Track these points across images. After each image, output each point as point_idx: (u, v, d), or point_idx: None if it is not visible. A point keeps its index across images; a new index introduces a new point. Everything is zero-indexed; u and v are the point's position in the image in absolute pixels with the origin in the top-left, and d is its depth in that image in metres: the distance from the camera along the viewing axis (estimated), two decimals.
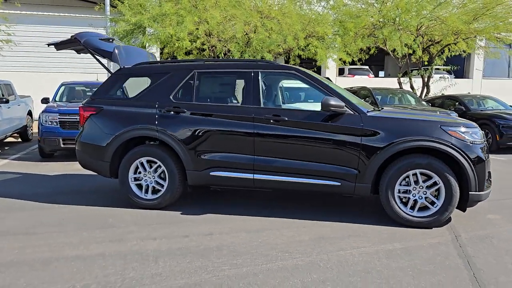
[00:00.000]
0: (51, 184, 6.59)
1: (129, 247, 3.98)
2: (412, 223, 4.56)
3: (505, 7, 14.42)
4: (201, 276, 3.39)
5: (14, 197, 5.73)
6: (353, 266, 3.59)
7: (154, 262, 3.64)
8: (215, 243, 4.10)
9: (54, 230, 4.46)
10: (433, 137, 4.45)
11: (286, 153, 4.78)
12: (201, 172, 4.99)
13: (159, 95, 5.16)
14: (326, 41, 13.63)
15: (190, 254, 3.81)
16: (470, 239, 4.27)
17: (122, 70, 5.50)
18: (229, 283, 3.26)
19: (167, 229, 4.50)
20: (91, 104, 5.41)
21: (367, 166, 4.57)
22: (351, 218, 4.87)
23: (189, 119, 5.00)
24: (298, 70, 4.98)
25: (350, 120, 4.64)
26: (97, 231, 4.43)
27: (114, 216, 4.91)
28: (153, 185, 5.17)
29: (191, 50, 12.83)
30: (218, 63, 5.43)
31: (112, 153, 5.20)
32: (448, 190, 4.45)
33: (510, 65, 23.50)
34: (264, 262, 3.65)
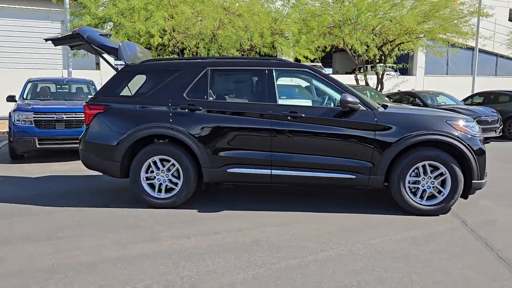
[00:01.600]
0: (42, 186, 6.27)
1: (168, 246, 3.95)
2: (422, 211, 4.90)
3: (451, 10, 15.54)
4: (256, 270, 3.47)
5: (11, 201, 5.41)
6: (391, 253, 3.83)
7: (202, 260, 3.66)
8: (249, 238, 4.17)
9: (76, 233, 4.30)
10: (441, 131, 4.81)
11: (303, 148, 4.94)
12: (218, 169, 5.02)
13: (172, 92, 5.11)
14: (291, 39, 13.94)
15: (232, 250, 3.86)
16: (476, 223, 4.67)
17: (129, 67, 5.37)
18: (287, 275, 3.37)
19: (194, 227, 4.50)
20: (98, 102, 5.23)
21: (381, 159, 4.85)
22: (365, 209, 5.12)
23: (205, 117, 5.01)
24: (311, 68, 5.16)
25: (364, 116, 4.89)
26: (123, 232, 4.34)
27: (131, 217, 4.81)
28: (166, 183, 5.12)
29: (150, 46, 12.60)
30: (231, 61, 5.46)
31: (123, 153, 5.08)
32: (454, 179, 4.83)
33: (449, 63, 25.27)
34: (308, 254, 3.79)
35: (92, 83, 10.09)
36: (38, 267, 3.49)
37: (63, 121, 8.08)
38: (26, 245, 3.97)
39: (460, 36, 16.20)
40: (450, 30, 15.52)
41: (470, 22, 16.49)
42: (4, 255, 3.73)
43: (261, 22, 12.88)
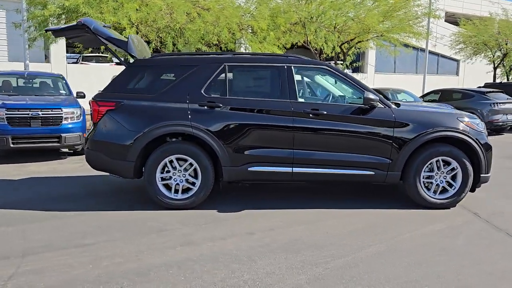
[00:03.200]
0: (32, 190, 5.78)
1: (208, 249, 3.81)
2: (435, 205, 5.10)
3: (406, 11, 16.30)
4: (314, 270, 3.43)
5: (6, 207, 4.94)
6: (429, 247, 3.95)
7: (253, 262, 3.56)
8: (285, 237, 4.12)
9: (104, 239, 4.01)
10: (454, 127, 5.03)
11: (324, 145, 4.96)
12: (239, 167, 4.91)
13: (189, 89, 4.90)
14: (260, 35, 13.90)
15: (277, 251, 3.79)
16: (488, 216, 4.93)
17: (139, 61, 5.08)
18: (347, 274, 3.37)
19: (222, 228, 4.37)
20: (109, 98, 4.91)
21: (399, 155, 4.98)
22: (380, 204, 5.24)
23: (225, 114, 4.87)
24: (330, 65, 5.18)
25: (383, 113, 4.99)
26: (153, 235, 4.12)
27: (151, 219, 4.58)
28: (183, 183, 4.92)
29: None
30: (249, 57, 5.32)
31: (138, 152, 4.81)
32: (464, 174, 5.07)
33: (396, 62, 26.48)
34: (351, 252, 3.81)
35: (62, 77, 9.45)
36: (85, 278, 3.22)
37: (39, 118, 7.50)
38: (54, 254, 3.65)
39: (414, 36, 17.05)
40: (406, 30, 16.26)
41: (421, 24, 17.40)
42: (38, 266, 3.40)
43: (231, 17, 12.74)
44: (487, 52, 22.67)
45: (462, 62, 26.76)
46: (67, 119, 7.76)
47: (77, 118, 7.95)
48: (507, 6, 24.25)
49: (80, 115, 8.04)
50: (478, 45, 22.16)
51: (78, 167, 7.37)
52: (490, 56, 22.73)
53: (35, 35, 12.18)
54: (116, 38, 5.03)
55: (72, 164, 7.61)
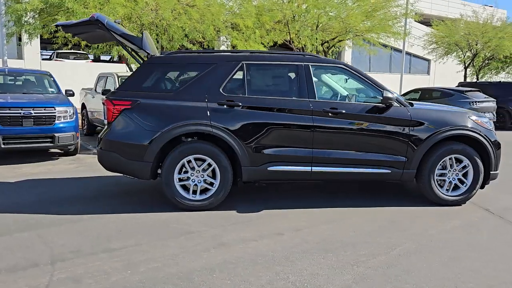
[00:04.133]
0: (33, 192, 5.52)
1: (243, 251, 3.74)
2: (448, 202, 5.21)
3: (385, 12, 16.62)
4: (357, 270, 3.42)
5: (12, 211, 4.69)
6: (458, 242, 4.04)
7: (292, 263, 3.52)
8: (315, 237, 4.10)
9: (131, 243, 3.87)
10: (467, 126, 5.15)
11: (342, 144, 4.97)
12: (258, 167, 4.85)
13: (207, 87, 4.80)
14: (246, 33, 13.82)
15: (312, 251, 3.76)
16: (498, 211, 5.08)
17: (153, 59, 4.93)
18: (390, 272, 3.38)
19: (249, 228, 4.30)
20: (124, 97, 4.74)
21: (414, 153, 5.05)
22: (393, 202, 5.30)
23: (245, 113, 4.79)
24: (347, 65, 5.19)
25: (399, 112, 5.04)
26: (182, 238, 4.01)
27: (173, 221, 4.45)
28: (201, 184, 4.82)
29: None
30: (267, 55, 5.24)
31: (156, 152, 4.67)
32: (476, 171, 5.20)
33: (371, 60, 26.98)
34: (385, 250, 3.83)
35: (50, 74, 9.07)
36: (125, 284, 3.10)
37: (32, 117, 7.17)
38: (85, 260, 3.48)
39: (392, 36, 17.42)
40: (386, 30, 16.58)
41: (399, 24, 17.79)
42: (73, 274, 3.23)
43: (217, 14, 12.61)
44: (458, 52, 23.42)
45: (433, 62, 27.54)
46: (60, 118, 7.46)
47: (70, 117, 7.66)
48: (477, 8, 25.13)
49: (73, 114, 7.75)
50: (450, 45, 22.86)
51: (73, 168, 7.10)
52: (461, 56, 23.50)
53: (13, 30, 11.66)
54: (130, 34, 4.87)
55: (66, 165, 7.32)
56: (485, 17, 23.00)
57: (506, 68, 26.91)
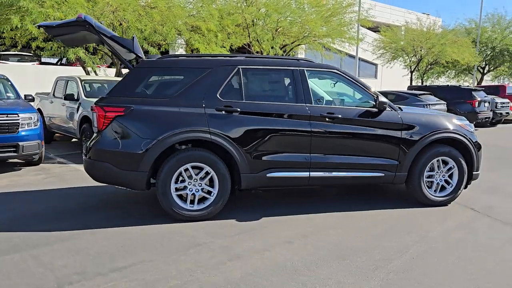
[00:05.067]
0: (10, 208, 5.04)
1: (259, 261, 3.62)
2: (435, 202, 5.37)
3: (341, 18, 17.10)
4: (379, 275, 3.42)
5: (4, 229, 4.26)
6: (463, 242, 4.16)
7: (313, 271, 3.46)
8: (326, 243, 4.06)
9: (139, 259, 3.62)
10: (453, 129, 5.35)
11: (339, 149, 4.98)
12: (257, 174, 4.74)
13: (204, 93, 4.63)
14: (207, 36, 13.63)
15: (328, 258, 3.72)
16: (482, 209, 5.31)
17: (145, 63, 4.69)
18: (413, 277, 3.41)
19: (256, 238, 4.18)
20: (116, 103, 4.45)
21: (406, 156, 5.17)
22: (384, 204, 5.38)
23: (244, 119, 4.67)
24: (339, 70, 5.21)
25: (391, 116, 5.14)
26: (192, 252, 3.81)
27: (176, 233, 4.24)
28: (199, 193, 4.63)
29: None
30: (262, 59, 5.13)
31: (152, 162, 4.43)
32: (460, 172, 5.41)
33: None
34: (400, 253, 3.87)
35: (6, 78, 8.39)
36: None
37: None
38: (95, 282, 3.20)
39: (347, 41, 17.94)
40: (343, 35, 17.04)
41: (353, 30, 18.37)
42: None
43: (179, 17, 12.35)
44: (404, 57, 24.56)
45: (380, 66, 28.69)
46: (24, 125, 6.91)
47: (34, 124, 7.12)
48: (420, 16, 26.51)
49: (37, 120, 7.21)
50: (397, 50, 23.92)
51: (42, 179, 6.59)
52: (407, 61, 24.66)
53: None
54: (120, 37, 4.59)
55: (33, 176, 6.79)
56: (428, 24, 24.33)
57: (446, 72, 28.61)
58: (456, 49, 22.63)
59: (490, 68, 28.61)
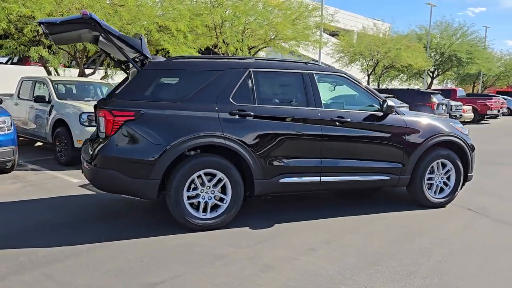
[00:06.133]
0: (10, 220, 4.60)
1: (292, 271, 3.50)
2: (435, 204, 5.50)
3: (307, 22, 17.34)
4: (417, 281, 3.41)
5: None
6: (477, 243, 4.26)
7: (351, 279, 3.39)
8: (352, 249, 4.01)
9: (170, 274, 3.39)
10: (452, 132, 5.50)
11: (348, 153, 4.97)
12: (270, 180, 4.62)
13: (216, 96, 4.45)
14: (177, 37, 13.29)
15: (360, 264, 3.67)
16: (479, 209, 5.48)
17: (154, 64, 4.43)
18: (449, 280, 3.43)
19: (279, 245, 4.06)
20: (126, 107, 4.16)
21: (409, 159, 5.24)
22: (386, 207, 5.43)
23: (258, 124, 4.53)
24: (346, 73, 5.21)
25: (396, 120, 5.20)
26: (218, 263, 3.63)
27: (195, 244, 4.03)
28: (212, 201, 4.44)
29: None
30: (272, 62, 4.99)
31: (164, 169, 4.18)
32: (457, 173, 5.56)
33: None
34: (426, 256, 3.89)
35: None
36: None
37: None
38: None
39: (312, 44, 18.21)
40: (308, 38, 17.27)
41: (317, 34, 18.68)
42: None
43: (150, 16, 11.96)
44: (361, 61, 25.30)
45: None
46: None
47: (7, 128, 6.58)
48: (376, 22, 27.45)
49: (10, 124, 6.67)
50: (356, 54, 24.59)
51: (21, 188, 6.09)
52: (364, 64, 25.42)
53: None
54: (128, 36, 4.31)
55: (9, 185, 6.25)
56: (384, 29, 25.24)
57: (399, 76, 29.79)
58: (410, 54, 23.61)
59: (439, 72, 30.10)
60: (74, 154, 7.58)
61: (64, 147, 7.72)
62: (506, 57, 37.43)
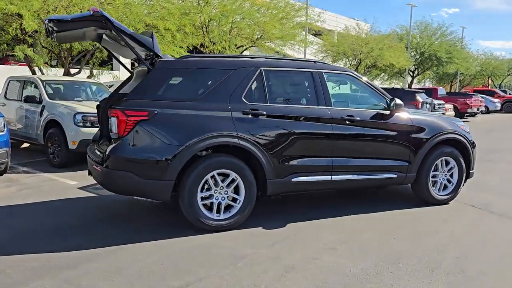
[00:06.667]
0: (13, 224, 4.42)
1: (316, 271, 3.48)
2: (440, 201, 5.56)
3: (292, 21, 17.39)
4: (447, 278, 3.43)
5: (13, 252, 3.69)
6: (490, 240, 4.32)
7: (379, 279, 3.39)
8: (370, 248, 4.01)
9: (194, 277, 3.31)
10: (455, 130, 5.57)
11: (358, 151, 4.98)
12: (283, 179, 4.59)
13: (229, 95, 4.39)
14: (165, 36, 13.12)
15: (383, 263, 3.67)
16: (482, 206, 5.56)
17: (166, 63, 4.34)
18: (475, 275, 3.47)
19: (297, 245, 4.03)
20: (140, 106, 4.06)
21: (416, 157, 5.29)
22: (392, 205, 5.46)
23: (270, 123, 4.49)
24: (354, 72, 5.22)
25: (402, 118, 5.24)
26: (241, 265, 3.57)
27: (212, 246, 3.96)
28: (225, 201, 4.38)
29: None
30: (282, 61, 4.94)
31: (179, 170, 4.10)
32: (460, 170, 5.65)
33: None
34: (442, 253, 3.92)
35: None
36: None
37: None
38: None
39: (298, 44, 18.27)
40: (294, 38, 17.32)
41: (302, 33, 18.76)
42: None
43: (139, 15, 11.77)
44: (344, 60, 25.53)
45: None
46: None
47: (0, 130, 6.35)
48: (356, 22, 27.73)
49: (3, 126, 6.44)
50: (339, 54, 24.81)
51: (17, 192, 5.90)
52: (346, 64, 25.65)
53: None
54: (139, 35, 4.21)
55: (4, 189, 6.04)
56: (366, 30, 25.54)
57: (380, 75, 30.19)
58: (393, 53, 23.97)
59: (419, 71, 30.66)
60: (69, 156, 7.41)
61: (58, 148, 7.52)
62: (482, 57, 38.44)
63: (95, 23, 4.15)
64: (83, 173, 7.05)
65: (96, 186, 6.22)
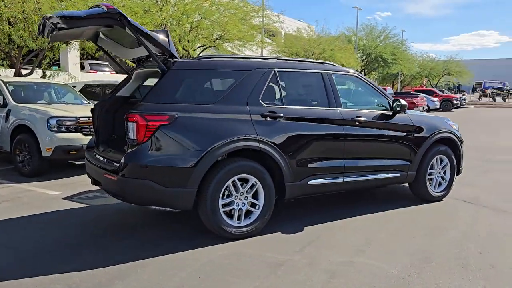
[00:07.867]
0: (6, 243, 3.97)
1: (358, 274, 3.44)
2: (436, 198, 5.75)
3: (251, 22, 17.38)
4: (481, 274, 3.52)
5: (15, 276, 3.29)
6: (497, 235, 4.50)
7: (420, 278, 3.41)
8: (395, 247, 4.04)
9: (244, 286, 3.15)
10: (448, 129, 5.79)
11: (367, 152, 5.02)
12: (299, 182, 4.51)
13: (246, 97, 4.24)
14: None
15: (415, 263, 3.70)
16: (473, 200, 5.83)
17: (182, 64, 4.10)
18: (505, 270, 3.59)
19: (325, 249, 3.97)
20: (160, 110, 3.79)
21: (416, 156, 5.43)
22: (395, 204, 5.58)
23: (288, 125, 4.40)
24: (359, 74, 5.25)
25: (404, 119, 5.36)
26: (280, 273, 3.45)
27: (241, 254, 3.80)
28: (245, 207, 4.24)
29: None
30: (293, 62, 4.82)
31: (202, 176, 3.89)
32: (452, 168, 5.88)
33: None
34: (463, 250, 4.03)
35: None
36: None
37: None
38: None
39: (256, 45, 18.30)
40: (253, 39, 17.31)
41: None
42: None
43: None
44: None
45: None
46: None
47: None
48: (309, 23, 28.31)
49: None
50: (292, 55, 25.15)
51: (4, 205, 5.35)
52: None
53: None
54: (154, 34, 3.94)
55: None
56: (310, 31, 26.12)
57: None
58: (344, 54, 24.71)
59: (366, 72, 31.84)
60: (42, 164, 6.86)
61: (28, 156, 6.93)
62: (420, 58, 40.68)
63: (109, 20, 3.83)
64: (61, 182, 6.59)
65: (83, 195, 5.83)
